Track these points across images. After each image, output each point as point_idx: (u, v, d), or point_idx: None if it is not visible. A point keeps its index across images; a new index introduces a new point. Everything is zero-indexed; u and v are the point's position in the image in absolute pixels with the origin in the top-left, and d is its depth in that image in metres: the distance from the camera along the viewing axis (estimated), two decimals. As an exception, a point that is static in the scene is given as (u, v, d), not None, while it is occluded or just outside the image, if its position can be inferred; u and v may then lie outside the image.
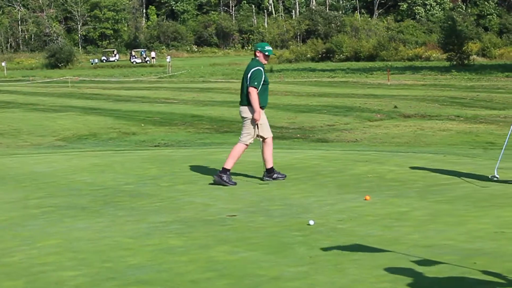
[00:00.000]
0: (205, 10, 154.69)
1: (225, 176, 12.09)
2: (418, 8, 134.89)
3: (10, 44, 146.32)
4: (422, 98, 36.22)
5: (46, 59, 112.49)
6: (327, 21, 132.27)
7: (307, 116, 28.50)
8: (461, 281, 6.39)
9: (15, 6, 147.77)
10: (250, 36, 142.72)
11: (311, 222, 8.84)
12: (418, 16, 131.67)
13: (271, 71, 71.73)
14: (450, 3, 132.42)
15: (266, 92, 12.31)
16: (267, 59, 12.48)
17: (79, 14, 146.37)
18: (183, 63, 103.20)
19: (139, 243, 8.19)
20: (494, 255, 7.16)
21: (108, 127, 26.17)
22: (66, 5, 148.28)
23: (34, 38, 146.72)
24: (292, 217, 9.30)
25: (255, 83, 12.04)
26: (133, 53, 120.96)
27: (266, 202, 10.36)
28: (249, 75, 12.13)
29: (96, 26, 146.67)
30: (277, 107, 32.42)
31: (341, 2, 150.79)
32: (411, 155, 15.04)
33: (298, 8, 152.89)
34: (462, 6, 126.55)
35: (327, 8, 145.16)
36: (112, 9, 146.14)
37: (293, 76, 64.52)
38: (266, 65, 12.68)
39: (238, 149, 12.32)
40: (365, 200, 10.22)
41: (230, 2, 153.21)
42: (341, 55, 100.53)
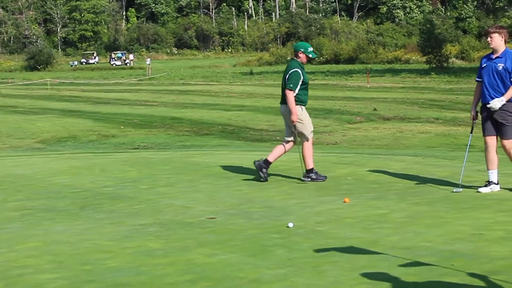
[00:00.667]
0: (185, 13, 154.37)
1: (313, 175, 12.20)
2: (398, 11, 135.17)
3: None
4: (402, 101, 36.37)
5: (25, 61, 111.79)
6: (307, 24, 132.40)
7: (287, 119, 28.49)
8: (440, 283, 6.42)
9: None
10: (230, 39, 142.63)
11: (291, 225, 8.85)
12: (398, 19, 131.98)
13: (251, 74, 71.78)
14: (430, 6, 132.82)
15: (306, 91, 12.44)
16: (308, 60, 12.54)
17: (59, 16, 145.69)
18: (163, 66, 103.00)
19: (118, 246, 8.17)
20: (472, 257, 7.20)
21: (88, 130, 26.09)
22: (46, 7, 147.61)
23: (13, 40, 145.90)
24: (272, 220, 9.31)
25: (291, 85, 12.14)
26: (113, 56, 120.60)
27: (246, 205, 10.36)
28: (287, 76, 12.24)
29: (76, 28, 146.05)
30: (257, 110, 32.47)
31: (321, 5, 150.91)
32: (391, 158, 15.08)
33: (278, 11, 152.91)
34: (441, 9, 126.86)
35: (307, 11, 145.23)
36: (92, 11, 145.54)
37: (273, 79, 64.49)
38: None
39: (307, 148, 12.35)
40: (344, 203, 10.24)
41: (210, 5, 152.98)
42: (321, 58, 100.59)
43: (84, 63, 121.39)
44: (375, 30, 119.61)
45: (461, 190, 10.81)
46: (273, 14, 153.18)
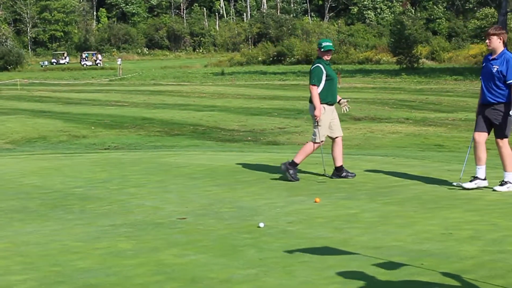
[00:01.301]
0: (156, 13, 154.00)
1: (292, 170, 12.21)
2: (369, 12, 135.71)
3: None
4: (372, 101, 36.52)
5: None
6: (278, 24, 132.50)
7: (258, 119, 28.56)
8: (409, 282, 6.45)
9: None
10: (202, 39, 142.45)
11: (261, 225, 8.85)
12: (369, 20, 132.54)
13: (222, 74, 71.73)
14: (400, 7, 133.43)
15: (333, 88, 12.40)
16: (327, 54, 12.43)
17: (29, 16, 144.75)
18: (134, 66, 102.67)
19: (88, 247, 8.13)
20: (442, 256, 7.24)
21: (58, 130, 25.94)
22: (16, 7, 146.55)
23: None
24: (242, 220, 9.31)
25: (313, 81, 12.22)
26: (84, 56, 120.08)
27: (216, 205, 10.35)
28: (310, 74, 12.34)
29: (46, 29, 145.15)
30: (228, 110, 32.47)
31: (292, 6, 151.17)
32: (361, 158, 15.13)
33: (250, 11, 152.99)
34: (412, 10, 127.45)
35: (278, 12, 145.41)
36: (62, 11, 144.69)
37: (244, 79, 64.59)
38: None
39: (308, 147, 12.40)
40: (315, 203, 10.26)
41: (182, 5, 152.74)
42: (292, 58, 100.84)
43: (55, 63, 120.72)
44: (346, 31, 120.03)
45: (461, 184, 10.98)
46: (245, 15, 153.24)
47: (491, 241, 7.82)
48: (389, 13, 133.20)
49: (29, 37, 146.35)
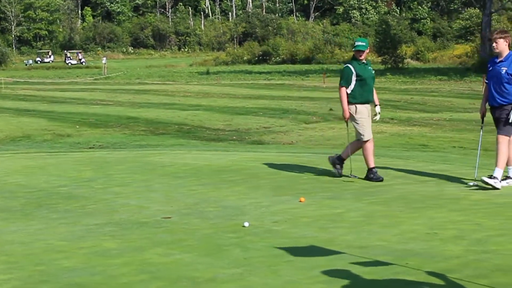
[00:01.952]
0: (141, 12, 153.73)
1: (372, 174, 12.13)
2: (354, 12, 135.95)
3: None
4: (357, 101, 36.48)
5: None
6: (264, 24, 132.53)
7: (243, 118, 28.53)
8: (394, 281, 6.46)
9: None
10: (187, 38, 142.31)
11: (246, 224, 8.85)
12: (354, 20, 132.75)
13: (208, 73, 71.67)
14: (385, 7, 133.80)
15: (366, 87, 12.36)
16: (359, 54, 12.39)
17: (13, 15, 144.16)
18: (119, 65, 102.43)
19: (73, 246, 8.10)
20: (426, 256, 7.26)
21: (42, 129, 25.83)
22: (0, 5, 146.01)
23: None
24: (227, 219, 9.30)
25: (341, 81, 12.32)
26: (68, 55, 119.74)
27: (201, 204, 10.34)
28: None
29: (30, 27, 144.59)
30: (213, 109, 32.43)
31: (278, 5, 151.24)
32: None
33: (235, 11, 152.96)
34: (397, 10, 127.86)
35: (264, 11, 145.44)
36: (46, 10, 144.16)
37: (230, 78, 64.53)
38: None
39: (365, 148, 12.45)
40: (300, 202, 10.27)
41: (167, 4, 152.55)
42: (278, 58, 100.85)
43: (39, 62, 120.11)
44: (332, 31, 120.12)
45: (476, 184, 11.19)
46: (230, 14, 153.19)
47: (476, 241, 7.85)
48: (375, 13, 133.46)
49: (14, 36, 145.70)
